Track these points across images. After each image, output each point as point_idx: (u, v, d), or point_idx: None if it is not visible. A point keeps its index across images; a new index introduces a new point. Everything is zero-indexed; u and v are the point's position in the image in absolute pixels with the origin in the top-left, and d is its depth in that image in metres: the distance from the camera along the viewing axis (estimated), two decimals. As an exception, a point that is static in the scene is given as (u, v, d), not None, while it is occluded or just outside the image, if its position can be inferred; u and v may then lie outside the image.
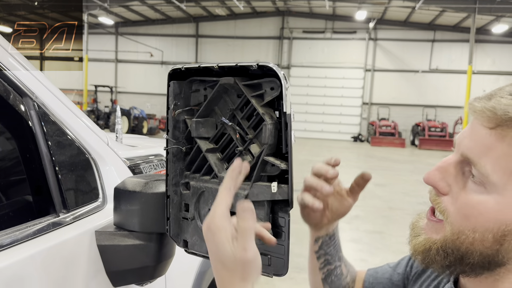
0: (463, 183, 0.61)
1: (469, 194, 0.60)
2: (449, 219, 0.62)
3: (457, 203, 0.61)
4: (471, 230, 0.60)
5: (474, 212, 0.59)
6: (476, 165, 0.59)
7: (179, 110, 0.80)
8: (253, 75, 0.72)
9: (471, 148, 0.60)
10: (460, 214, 0.61)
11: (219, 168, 0.77)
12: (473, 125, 0.61)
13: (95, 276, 0.94)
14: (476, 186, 0.59)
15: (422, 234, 0.67)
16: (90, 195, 1.05)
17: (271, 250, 0.74)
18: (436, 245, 0.64)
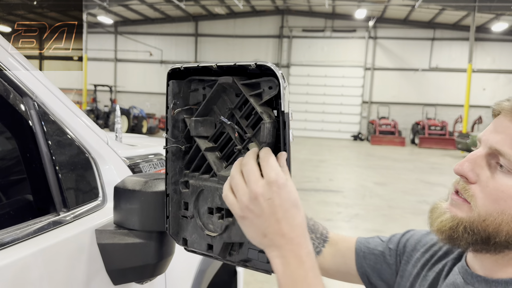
0: (491, 173, 0.71)
1: (499, 181, 0.70)
2: (478, 203, 0.71)
3: (486, 189, 0.71)
4: (500, 212, 0.69)
5: (503, 196, 0.69)
6: (506, 155, 0.69)
7: (178, 109, 0.81)
8: (252, 75, 0.73)
9: (501, 141, 0.70)
10: (490, 199, 0.70)
11: (218, 166, 0.78)
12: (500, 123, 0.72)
13: (96, 274, 0.95)
14: (504, 174, 0.70)
15: (445, 213, 0.76)
16: (90, 194, 1.05)
17: None
18: (464, 224, 0.72)
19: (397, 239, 1.02)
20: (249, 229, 0.63)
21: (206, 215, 0.79)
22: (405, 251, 0.99)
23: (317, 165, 12.20)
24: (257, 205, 0.60)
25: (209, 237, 0.79)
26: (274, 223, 0.60)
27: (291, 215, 0.61)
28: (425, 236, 1.00)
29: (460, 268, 0.82)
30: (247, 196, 0.61)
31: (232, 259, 0.79)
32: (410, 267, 0.96)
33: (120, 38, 25.52)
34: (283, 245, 0.61)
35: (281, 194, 0.60)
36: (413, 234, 1.02)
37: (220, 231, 0.77)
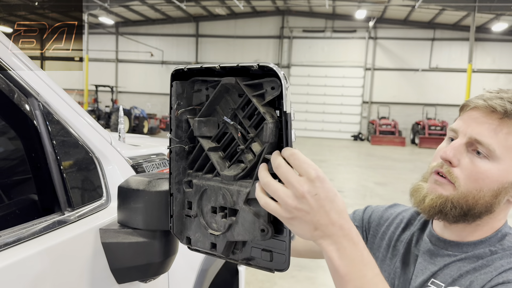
0: (470, 158, 0.86)
1: (477, 165, 0.85)
2: (461, 184, 0.86)
3: (467, 172, 0.86)
4: (478, 190, 0.86)
5: (482, 176, 0.85)
6: (484, 144, 0.84)
7: (182, 110, 0.82)
8: (254, 75, 0.73)
9: (481, 133, 0.85)
10: (470, 179, 0.86)
11: (221, 166, 0.79)
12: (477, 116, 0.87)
13: (100, 273, 0.96)
14: (481, 159, 0.85)
15: (432, 193, 0.90)
16: (94, 193, 1.06)
17: (273, 246, 0.75)
18: (451, 201, 0.87)
19: (360, 217, 1.18)
20: (299, 227, 0.65)
21: (209, 214, 0.80)
22: (370, 227, 1.15)
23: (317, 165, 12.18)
24: (305, 203, 0.62)
25: (212, 235, 0.79)
26: (324, 215, 0.63)
27: (336, 204, 0.64)
28: (385, 211, 1.16)
29: (430, 237, 0.97)
30: (293, 197, 0.63)
31: (235, 257, 0.80)
32: (378, 240, 1.11)
33: (121, 39, 25.54)
34: (335, 232, 0.64)
35: (324, 187, 0.63)
36: (374, 210, 1.18)
37: (224, 230, 0.77)
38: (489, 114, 0.85)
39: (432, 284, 0.90)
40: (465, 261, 0.88)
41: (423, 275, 0.93)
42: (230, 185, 0.77)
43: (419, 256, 0.97)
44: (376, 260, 1.06)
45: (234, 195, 0.76)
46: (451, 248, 0.92)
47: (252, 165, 0.74)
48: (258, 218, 0.73)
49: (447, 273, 0.89)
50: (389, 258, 1.05)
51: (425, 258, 0.96)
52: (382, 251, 1.08)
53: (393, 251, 1.05)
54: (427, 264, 0.94)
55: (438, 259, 0.93)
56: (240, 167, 0.77)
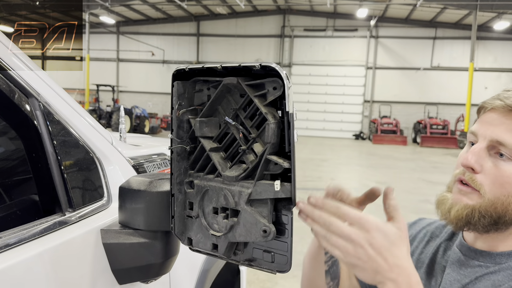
0: (493, 163, 0.81)
1: (502, 169, 0.80)
2: (486, 190, 0.81)
3: (492, 177, 0.81)
4: (507, 195, 0.80)
5: (508, 180, 0.80)
6: (507, 145, 0.79)
7: (183, 110, 0.81)
8: (256, 75, 0.73)
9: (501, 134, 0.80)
10: (496, 184, 0.80)
11: (222, 167, 0.78)
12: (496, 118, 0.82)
13: (101, 274, 0.95)
14: (505, 162, 0.80)
15: (457, 203, 0.85)
16: (95, 194, 1.06)
17: (274, 248, 0.75)
18: (478, 210, 0.82)
19: None
20: (362, 273, 0.68)
21: (211, 215, 0.80)
22: None
23: (319, 164, 12.20)
24: (363, 253, 0.66)
25: (214, 236, 0.79)
26: (383, 262, 0.66)
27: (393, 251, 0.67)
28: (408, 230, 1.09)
29: (460, 246, 0.92)
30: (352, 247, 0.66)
31: (237, 258, 0.80)
32: None
33: (122, 38, 25.55)
34: (396, 278, 0.67)
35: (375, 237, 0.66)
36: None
37: (225, 231, 0.77)
38: (508, 113, 0.81)
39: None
40: (499, 274, 0.82)
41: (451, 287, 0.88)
42: (232, 186, 0.76)
43: (447, 267, 0.92)
44: None
45: (235, 196, 0.76)
46: (483, 258, 0.86)
47: (253, 166, 0.74)
48: (260, 219, 0.72)
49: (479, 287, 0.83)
50: None
51: (454, 269, 0.90)
52: None
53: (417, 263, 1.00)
54: (456, 275, 0.89)
55: (469, 270, 0.87)
56: (242, 168, 0.77)
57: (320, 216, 0.68)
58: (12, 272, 0.74)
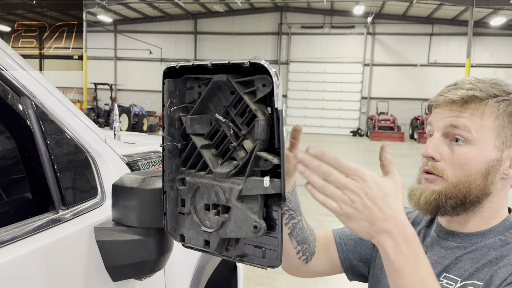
0: (450, 148, 0.89)
1: (458, 151, 0.87)
2: (448, 175, 0.88)
3: (451, 161, 0.88)
4: (466, 175, 0.87)
5: (465, 161, 0.87)
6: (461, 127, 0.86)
7: (174, 108, 0.82)
8: (246, 72, 0.73)
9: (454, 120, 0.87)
10: (455, 167, 0.87)
11: (213, 163, 0.79)
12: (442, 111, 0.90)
13: (95, 271, 0.96)
14: (460, 146, 0.87)
15: (424, 191, 0.91)
16: (89, 192, 1.06)
17: (265, 243, 0.75)
18: (444, 193, 0.88)
19: None
20: (356, 224, 0.69)
21: (202, 212, 0.80)
22: None
23: (317, 162, 12.20)
24: (359, 202, 0.67)
25: (205, 233, 0.80)
26: (378, 212, 0.68)
27: (387, 201, 0.69)
28: None
29: (437, 231, 0.98)
30: (348, 197, 0.68)
31: (229, 254, 0.80)
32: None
33: (120, 37, 25.49)
34: (390, 228, 0.69)
35: (372, 187, 0.68)
36: None
37: (217, 227, 0.78)
38: (450, 105, 0.89)
39: (445, 279, 0.89)
40: (477, 252, 0.88)
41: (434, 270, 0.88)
42: (223, 183, 0.77)
43: (427, 251, 0.96)
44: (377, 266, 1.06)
45: (226, 192, 0.76)
46: (460, 239, 0.92)
47: (244, 162, 0.74)
48: (250, 214, 0.73)
49: (461, 267, 0.88)
50: None
51: (434, 252, 0.95)
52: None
53: None
54: (437, 258, 0.94)
55: (448, 252, 0.92)
56: (233, 164, 0.77)
57: (320, 166, 0.69)
58: (5, 270, 0.75)
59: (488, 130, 0.86)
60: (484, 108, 0.87)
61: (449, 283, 0.88)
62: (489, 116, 0.86)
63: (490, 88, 0.88)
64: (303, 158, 0.70)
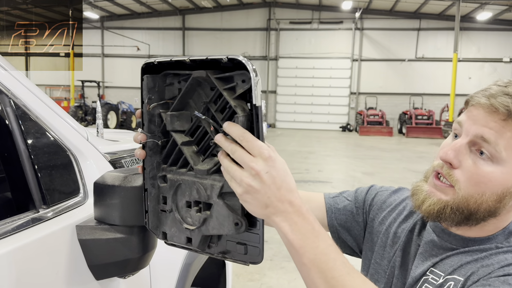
0: (472, 160, 0.81)
1: (480, 168, 0.80)
2: (461, 187, 0.82)
3: (469, 174, 0.81)
4: (481, 194, 0.80)
5: (484, 180, 0.80)
6: (492, 144, 0.78)
7: (154, 104, 0.81)
8: (226, 68, 0.73)
9: (487, 132, 0.78)
10: (472, 182, 0.80)
11: (195, 160, 0.78)
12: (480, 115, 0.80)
13: (77, 270, 0.95)
14: (484, 161, 0.80)
15: (430, 197, 0.85)
16: (71, 190, 1.05)
17: (247, 240, 0.75)
18: (450, 206, 0.83)
19: (362, 198, 1.14)
20: (253, 204, 0.67)
21: (184, 209, 0.80)
22: (371, 210, 1.11)
23: (306, 157, 12.25)
24: (258, 181, 0.66)
25: (187, 230, 0.79)
26: (276, 192, 0.66)
27: (287, 182, 0.67)
28: (389, 196, 1.11)
29: (434, 228, 0.93)
30: (247, 176, 0.66)
31: (211, 251, 0.80)
32: (377, 225, 1.07)
33: (107, 33, 25.26)
34: (286, 208, 0.67)
35: (275, 166, 0.66)
36: (378, 192, 1.14)
37: (199, 224, 0.77)
38: (492, 113, 0.79)
39: (431, 273, 0.87)
40: (467, 254, 0.85)
41: (423, 266, 0.90)
42: (204, 179, 0.76)
43: (420, 246, 0.94)
44: (374, 245, 1.06)
45: (208, 189, 0.76)
46: (455, 241, 0.88)
47: None
48: (232, 211, 0.73)
49: (447, 263, 0.86)
50: (389, 245, 1.01)
51: (426, 248, 0.92)
52: (381, 237, 1.05)
53: (394, 238, 1.01)
54: (428, 255, 0.91)
55: (441, 251, 0.89)
56: (214, 161, 0.77)
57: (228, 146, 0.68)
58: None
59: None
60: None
61: (434, 278, 0.86)
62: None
63: None
64: (219, 140, 0.69)
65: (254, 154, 0.66)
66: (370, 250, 1.08)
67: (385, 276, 0.99)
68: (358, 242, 1.13)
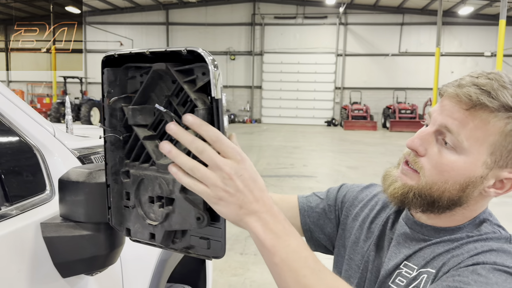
0: (438, 149, 0.83)
1: (444, 156, 0.82)
2: (425, 174, 0.84)
3: (433, 162, 0.83)
4: (444, 181, 0.83)
5: (447, 168, 0.82)
6: (454, 134, 0.80)
7: (115, 98, 0.79)
8: (188, 60, 0.72)
9: (450, 122, 0.81)
10: (436, 170, 0.83)
11: (157, 155, 0.77)
12: (447, 105, 0.83)
13: (41, 268, 0.93)
14: (449, 150, 0.82)
15: (397, 181, 0.88)
16: (36, 187, 1.03)
17: (210, 234, 0.74)
18: (413, 191, 0.85)
19: (333, 196, 1.16)
20: (226, 208, 0.66)
21: (147, 204, 0.79)
22: (343, 207, 1.12)
23: (291, 152, 12.28)
24: (231, 185, 0.64)
25: (151, 226, 0.78)
26: (249, 194, 0.65)
27: (258, 182, 0.67)
28: (361, 192, 1.13)
29: (406, 220, 0.94)
30: (220, 179, 0.64)
31: (175, 246, 0.79)
32: (350, 221, 1.08)
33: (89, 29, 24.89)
34: (259, 208, 0.66)
35: (247, 168, 0.65)
36: (349, 189, 1.16)
37: (161, 220, 0.76)
38: (457, 103, 0.81)
39: (404, 267, 0.88)
40: (440, 244, 0.86)
41: (396, 259, 0.91)
42: (166, 174, 0.75)
43: (393, 239, 0.95)
44: (348, 241, 1.06)
45: (170, 184, 0.75)
46: (427, 232, 0.90)
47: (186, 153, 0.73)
48: (194, 206, 0.72)
49: (420, 256, 0.87)
50: (363, 240, 1.02)
51: (399, 241, 0.93)
52: (354, 232, 1.05)
53: (367, 233, 1.02)
54: (401, 247, 0.92)
55: (413, 243, 0.90)
56: None
57: (192, 141, 0.64)
58: None
59: (484, 144, 0.79)
60: (491, 120, 0.78)
61: (408, 272, 0.87)
62: (492, 130, 0.78)
63: (509, 97, 0.78)
64: (176, 131, 0.64)
65: (228, 156, 0.64)
66: (343, 246, 1.08)
67: (358, 271, 1.00)
68: (332, 239, 1.13)
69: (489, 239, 0.83)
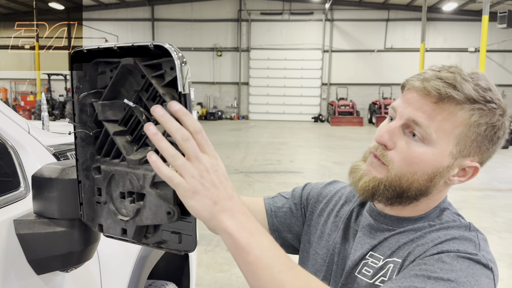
0: (406, 142, 0.85)
1: (412, 149, 0.84)
2: (394, 166, 0.86)
3: (402, 155, 0.85)
4: (412, 173, 0.85)
5: (416, 160, 0.84)
6: (423, 127, 0.82)
7: (84, 93, 0.79)
8: (157, 55, 0.72)
9: (419, 115, 0.83)
10: (405, 162, 0.85)
11: (127, 150, 0.77)
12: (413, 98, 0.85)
13: (15, 265, 0.93)
14: (417, 142, 0.84)
15: (366, 175, 0.90)
16: (9, 184, 1.02)
17: (181, 228, 0.75)
18: (384, 183, 0.87)
19: (299, 194, 1.17)
20: (200, 203, 0.64)
21: (118, 200, 0.79)
22: (308, 203, 1.14)
23: (278, 148, 12.31)
24: (207, 179, 0.63)
25: (122, 221, 0.78)
26: (223, 190, 0.65)
27: (230, 182, 0.67)
28: (324, 188, 1.15)
29: (370, 212, 0.97)
30: (197, 171, 0.63)
31: (148, 241, 0.79)
32: (316, 217, 1.10)
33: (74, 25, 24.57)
34: (232, 206, 0.66)
35: (220, 165, 0.65)
36: (313, 187, 1.17)
37: (133, 215, 0.76)
38: (425, 97, 0.83)
39: (370, 257, 0.90)
40: (404, 234, 0.89)
41: (362, 249, 0.93)
42: (137, 169, 0.75)
43: (358, 230, 0.97)
44: (313, 237, 1.08)
45: (140, 179, 0.75)
46: (391, 223, 0.92)
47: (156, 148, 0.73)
48: (164, 201, 0.72)
49: (386, 246, 0.90)
50: (328, 234, 1.04)
51: (364, 232, 0.95)
52: (320, 228, 1.07)
53: (332, 226, 1.04)
54: (366, 238, 0.94)
55: (378, 233, 0.93)
56: (146, 151, 0.75)
57: (179, 129, 0.62)
58: None
59: (450, 136, 0.83)
60: (458, 112, 0.81)
61: (374, 262, 0.89)
62: (459, 122, 0.82)
63: (472, 90, 0.81)
64: (163, 115, 0.61)
65: (205, 150, 0.64)
66: (308, 242, 1.09)
67: (324, 265, 1.01)
68: (299, 238, 1.14)
69: (451, 228, 0.86)
